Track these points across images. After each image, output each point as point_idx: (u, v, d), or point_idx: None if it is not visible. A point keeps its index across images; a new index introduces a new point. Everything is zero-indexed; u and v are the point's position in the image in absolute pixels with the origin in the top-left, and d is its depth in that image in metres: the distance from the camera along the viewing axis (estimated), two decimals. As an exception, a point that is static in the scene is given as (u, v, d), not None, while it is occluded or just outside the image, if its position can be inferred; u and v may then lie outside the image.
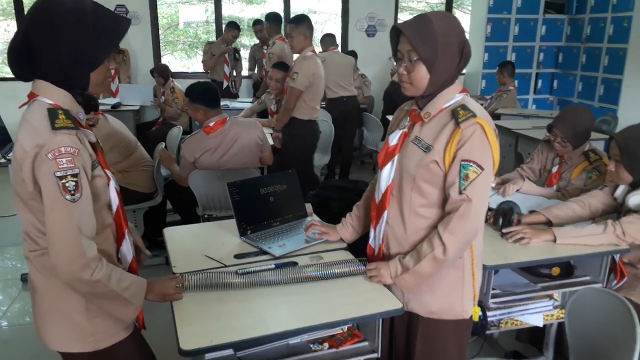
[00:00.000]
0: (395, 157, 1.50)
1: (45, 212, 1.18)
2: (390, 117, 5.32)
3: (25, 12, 1.22)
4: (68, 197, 1.16)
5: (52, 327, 1.34)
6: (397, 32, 1.42)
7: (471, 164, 1.36)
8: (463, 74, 5.45)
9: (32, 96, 1.24)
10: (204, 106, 2.86)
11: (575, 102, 6.34)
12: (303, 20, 3.58)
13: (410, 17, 1.47)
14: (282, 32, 5.13)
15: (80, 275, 1.20)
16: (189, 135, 3.08)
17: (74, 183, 1.16)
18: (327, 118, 4.87)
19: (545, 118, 4.83)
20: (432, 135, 1.42)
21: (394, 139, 1.51)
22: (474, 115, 1.37)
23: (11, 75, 1.29)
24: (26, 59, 1.20)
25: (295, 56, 3.91)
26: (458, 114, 1.37)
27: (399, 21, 6.91)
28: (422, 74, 1.38)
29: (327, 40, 5.33)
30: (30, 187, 1.19)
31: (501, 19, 6.46)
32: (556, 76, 6.73)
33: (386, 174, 1.52)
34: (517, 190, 2.40)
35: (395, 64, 1.45)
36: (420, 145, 1.44)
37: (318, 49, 4.89)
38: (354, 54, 5.89)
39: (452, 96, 1.43)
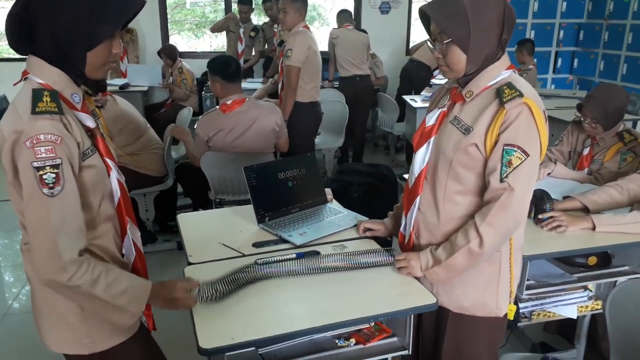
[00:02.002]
0: (432, 139, 1.38)
1: (23, 205, 1.07)
2: (407, 97, 5.15)
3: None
4: (45, 190, 1.04)
5: (48, 326, 1.25)
6: (425, 15, 1.29)
7: (515, 149, 1.23)
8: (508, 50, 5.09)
9: (24, 74, 1.12)
10: (221, 79, 2.77)
11: (597, 81, 6.12)
12: None
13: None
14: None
15: (55, 278, 1.08)
16: (204, 113, 3.00)
17: (53, 175, 1.04)
18: (340, 98, 4.73)
19: (567, 98, 4.66)
20: (473, 116, 1.30)
21: (431, 118, 1.39)
22: (521, 95, 1.24)
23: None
24: (24, 29, 1.08)
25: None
26: (503, 93, 1.24)
27: (414, -3, 6.74)
28: (457, 56, 1.26)
29: (343, 16, 5.13)
30: (10, 176, 1.08)
31: (520, -5, 6.22)
32: (577, 55, 6.49)
33: (421, 157, 1.40)
34: (549, 174, 2.27)
35: (431, 46, 1.32)
36: (459, 127, 1.32)
37: (329, 27, 4.70)
38: (364, 32, 5.72)
39: (497, 73, 1.29)
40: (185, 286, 1.28)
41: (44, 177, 1.04)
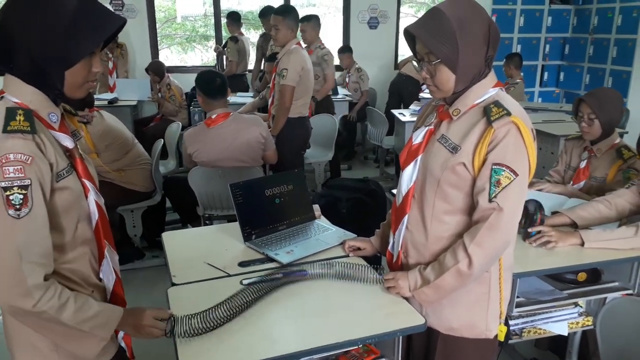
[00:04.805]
0: (419, 157, 1.36)
1: None
2: (395, 111, 5.15)
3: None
4: (11, 212, 1.00)
5: (19, 354, 1.19)
6: (410, 34, 1.28)
7: (504, 168, 1.22)
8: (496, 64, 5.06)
9: (0, 93, 1.10)
10: (203, 94, 2.83)
11: (583, 95, 6.20)
12: (290, 12, 3.38)
13: (412, 9, 1.33)
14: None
15: (19, 305, 1.02)
16: (190, 127, 3.00)
17: (20, 196, 1.00)
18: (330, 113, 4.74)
19: (555, 111, 4.70)
20: (461, 135, 1.28)
21: (418, 136, 1.37)
22: (509, 114, 1.23)
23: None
24: (0, 48, 1.05)
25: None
26: (491, 112, 1.23)
27: (401, 13, 6.82)
28: (446, 76, 1.25)
29: (319, 25, 4.56)
30: None
31: (506, 10, 6.30)
32: (562, 68, 6.58)
33: (408, 175, 1.38)
34: (538, 190, 2.26)
35: (417, 65, 1.31)
36: (446, 145, 1.30)
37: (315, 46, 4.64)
38: (349, 49, 5.81)
39: (484, 91, 1.28)
40: (155, 314, 1.25)
41: (11, 197, 1.00)
